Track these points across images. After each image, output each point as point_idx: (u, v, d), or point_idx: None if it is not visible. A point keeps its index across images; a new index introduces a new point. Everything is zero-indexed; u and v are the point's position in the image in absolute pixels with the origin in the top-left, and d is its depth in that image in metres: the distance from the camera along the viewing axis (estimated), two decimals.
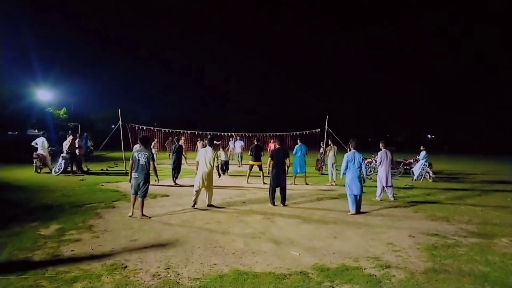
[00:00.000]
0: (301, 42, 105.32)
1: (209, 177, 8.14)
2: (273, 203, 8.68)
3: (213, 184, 8.52)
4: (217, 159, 8.31)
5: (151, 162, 7.09)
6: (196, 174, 8.23)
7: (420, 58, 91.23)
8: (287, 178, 9.06)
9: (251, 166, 12.83)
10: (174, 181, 11.95)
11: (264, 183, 11.85)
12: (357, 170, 8.00)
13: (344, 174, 8.23)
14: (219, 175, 8.57)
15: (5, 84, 20.43)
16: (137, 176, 7.02)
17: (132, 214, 7.14)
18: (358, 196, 7.97)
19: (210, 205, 8.29)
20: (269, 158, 9.07)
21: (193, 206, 8.14)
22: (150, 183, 7.34)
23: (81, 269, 4.46)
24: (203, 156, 8.19)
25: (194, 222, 6.96)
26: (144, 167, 7.02)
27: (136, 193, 7.08)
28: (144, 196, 7.09)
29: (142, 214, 7.08)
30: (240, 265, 4.72)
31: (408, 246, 5.66)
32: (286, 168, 9.02)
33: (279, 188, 8.77)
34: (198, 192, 8.15)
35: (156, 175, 7.55)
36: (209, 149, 8.29)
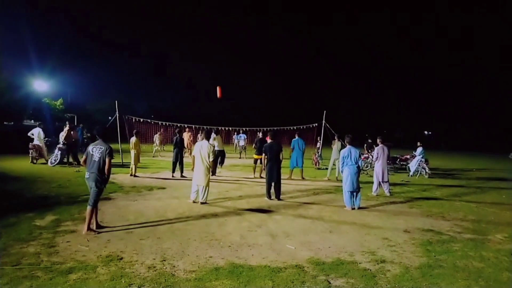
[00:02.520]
0: (298, 40, 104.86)
1: (206, 172, 7.87)
2: (269, 197, 8.68)
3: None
4: (212, 154, 7.98)
5: (107, 159, 5.50)
6: (192, 169, 8.05)
7: (416, 54, 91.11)
8: (281, 173, 8.98)
9: (256, 160, 12.77)
10: (173, 175, 11.89)
11: (261, 177, 11.84)
12: (353, 166, 7.96)
13: (342, 170, 8.25)
14: (214, 172, 8.14)
15: (1, 74, 20.25)
16: (87, 176, 5.59)
17: (87, 230, 5.50)
18: (355, 193, 7.99)
19: (203, 203, 7.89)
20: (263, 154, 8.94)
21: (193, 202, 8.00)
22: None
23: (77, 260, 4.45)
24: (199, 150, 7.91)
25: (190, 215, 6.96)
26: (97, 164, 5.49)
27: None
28: (94, 203, 5.56)
29: (88, 228, 5.52)
30: (236, 258, 4.73)
31: (403, 241, 5.69)
32: (281, 162, 8.95)
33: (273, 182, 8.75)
34: (195, 188, 8.01)
35: (107, 178, 5.71)
36: (205, 143, 7.99)
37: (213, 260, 4.64)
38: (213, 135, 12.20)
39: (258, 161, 12.44)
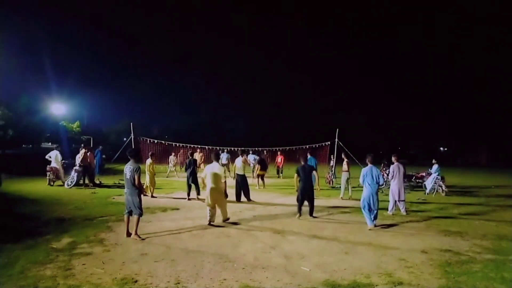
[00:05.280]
0: (310, 55, 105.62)
1: (218, 193, 7.88)
2: (300, 214, 8.88)
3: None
4: (225, 176, 8.06)
5: (135, 176, 6.61)
6: (203, 187, 8.16)
7: (430, 68, 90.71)
8: (313, 191, 9.18)
9: (260, 175, 15.62)
10: (189, 197, 11.51)
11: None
12: (375, 186, 7.92)
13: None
14: (226, 195, 8.17)
15: (21, 98, 20.93)
16: (126, 191, 6.75)
17: (127, 235, 6.69)
18: (374, 211, 7.92)
19: (225, 221, 8.12)
20: (296, 174, 8.99)
21: (209, 223, 7.88)
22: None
23: (92, 283, 4.49)
24: (210, 172, 7.96)
25: (204, 236, 6.96)
26: (129, 181, 6.65)
27: (129, 213, 6.73)
28: (139, 213, 6.66)
29: (135, 233, 6.64)
30: (250, 281, 4.70)
31: (421, 262, 5.57)
32: (314, 182, 9.30)
33: (306, 200, 8.93)
34: (211, 210, 7.91)
35: (139, 194, 6.79)
36: (216, 165, 8.08)
37: (227, 282, 4.62)
38: (241, 157, 12.31)
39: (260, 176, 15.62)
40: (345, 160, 12.84)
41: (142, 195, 6.91)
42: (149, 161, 11.96)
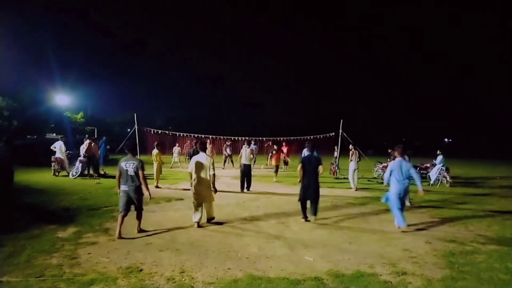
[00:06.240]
0: (315, 47, 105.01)
1: (204, 188, 6.99)
2: (305, 217, 7.59)
3: (227, 189, 8.37)
4: (213, 168, 7.03)
5: (140, 172, 6.13)
6: (191, 183, 7.12)
7: (433, 62, 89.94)
8: (319, 190, 7.69)
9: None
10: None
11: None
12: (404, 182, 6.98)
13: (387, 184, 7.31)
14: (216, 190, 7.13)
15: (25, 89, 20.99)
16: (127, 188, 6.15)
17: (119, 236, 5.99)
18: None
19: (209, 221, 7.21)
20: (299, 166, 7.66)
21: (198, 225, 6.93)
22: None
23: (98, 272, 4.53)
24: (196, 164, 7.00)
25: (208, 226, 6.98)
26: (134, 178, 6.15)
27: (124, 211, 6.16)
28: (141, 208, 6.39)
29: (140, 229, 6.41)
30: (254, 270, 4.72)
31: (425, 253, 5.57)
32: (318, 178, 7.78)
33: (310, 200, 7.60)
34: (198, 207, 7.02)
35: (147, 189, 6.23)
36: (202, 155, 7.10)
37: (231, 272, 4.64)
38: (247, 146, 12.07)
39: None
40: (351, 150, 12.82)
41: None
42: (155, 151, 12.00)
